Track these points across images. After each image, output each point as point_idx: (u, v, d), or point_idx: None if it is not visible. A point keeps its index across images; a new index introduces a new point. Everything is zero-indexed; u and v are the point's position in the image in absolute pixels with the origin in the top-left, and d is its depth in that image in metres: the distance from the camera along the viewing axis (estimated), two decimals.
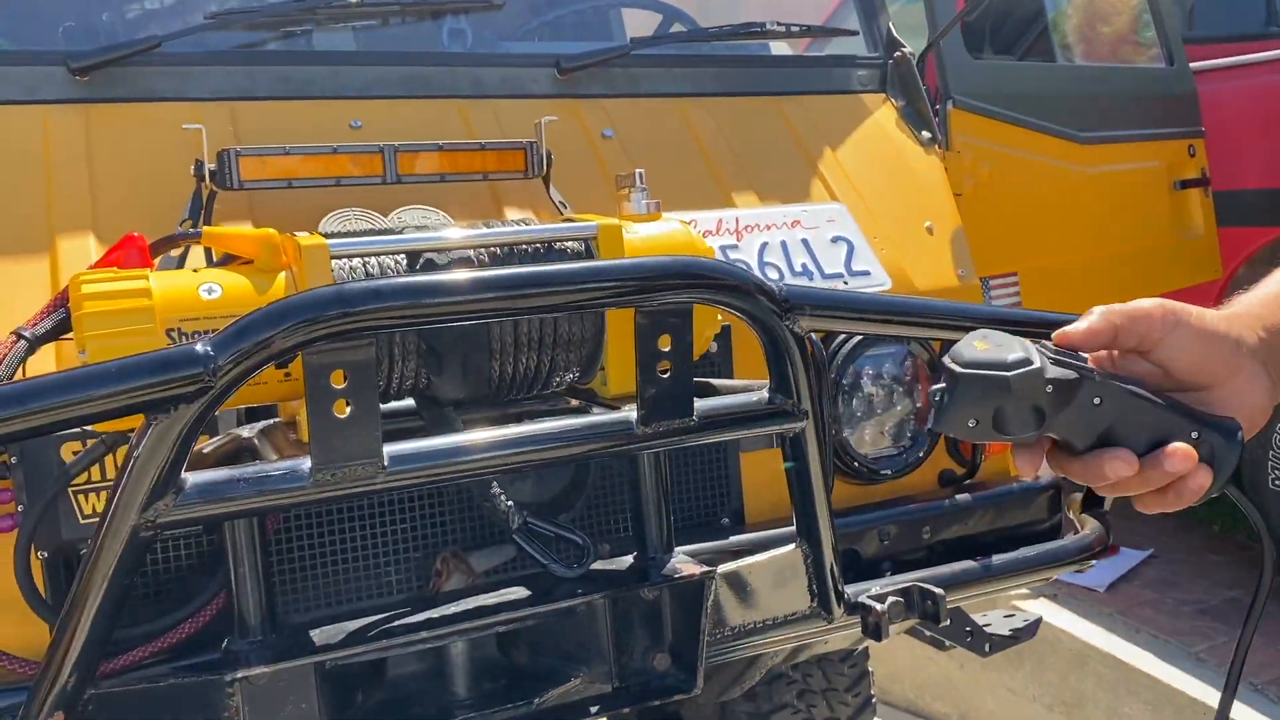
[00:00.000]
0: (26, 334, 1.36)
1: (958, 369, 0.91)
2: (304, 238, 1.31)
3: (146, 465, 1.10)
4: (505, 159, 1.79)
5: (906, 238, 2.16)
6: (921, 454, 2.02)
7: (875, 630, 1.67)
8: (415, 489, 1.52)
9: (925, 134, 2.36)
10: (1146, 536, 4.24)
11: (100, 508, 1.38)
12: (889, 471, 1.99)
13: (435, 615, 1.47)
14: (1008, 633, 2.30)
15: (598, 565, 1.62)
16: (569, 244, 1.44)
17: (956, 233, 2.21)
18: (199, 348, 1.07)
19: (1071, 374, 0.92)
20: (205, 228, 1.41)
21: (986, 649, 2.31)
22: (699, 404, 1.36)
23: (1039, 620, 2.40)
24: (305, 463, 1.19)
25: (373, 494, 1.22)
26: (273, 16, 1.94)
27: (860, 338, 1.97)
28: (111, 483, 1.14)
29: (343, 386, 1.15)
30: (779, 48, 2.69)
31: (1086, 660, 3.55)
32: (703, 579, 1.55)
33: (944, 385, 0.92)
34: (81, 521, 1.37)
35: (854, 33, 2.45)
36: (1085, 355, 0.96)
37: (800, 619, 1.70)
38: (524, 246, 1.41)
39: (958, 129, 2.52)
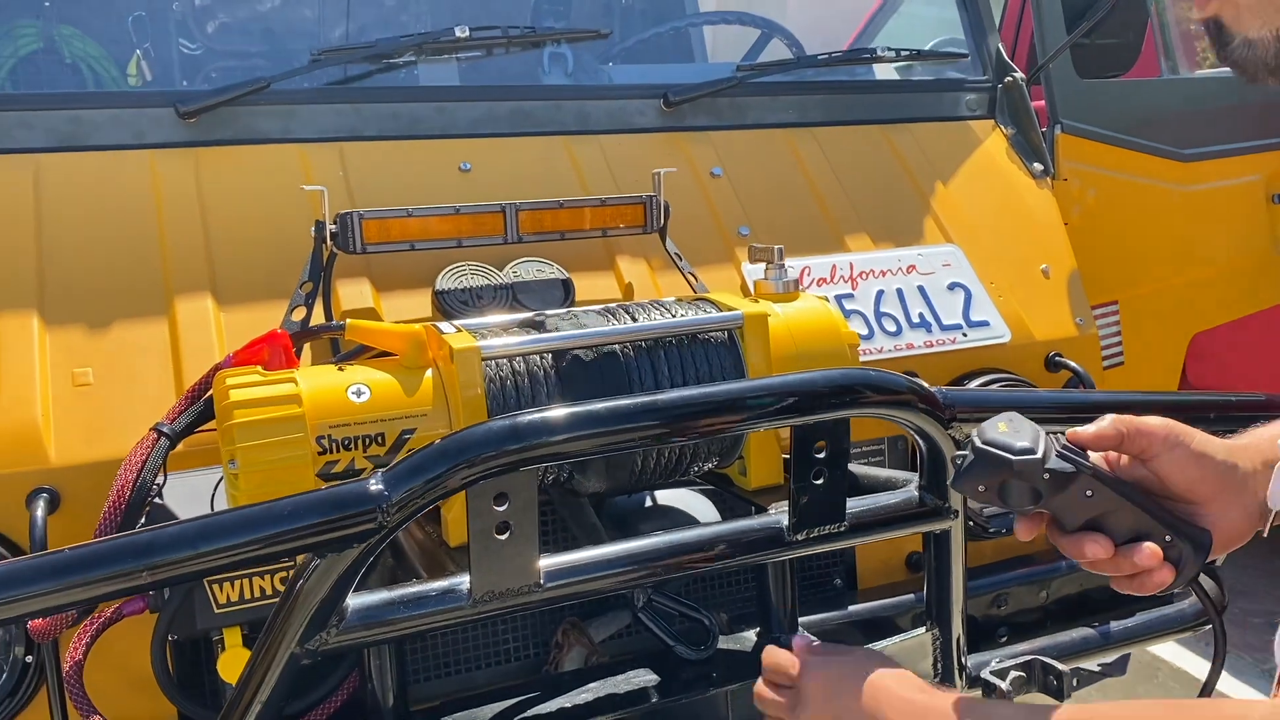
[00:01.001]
0: (166, 430, 1.32)
1: (977, 443, 1.07)
2: (454, 338, 1.26)
3: (309, 598, 1.07)
4: (625, 214, 1.74)
5: (1022, 282, 2.09)
6: None
7: None
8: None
9: (1037, 165, 2.28)
10: None
11: (235, 596, 1.36)
12: (1002, 530, 1.95)
13: (567, 705, 1.45)
14: (1095, 668, 2.27)
15: (722, 644, 1.60)
16: (714, 334, 1.39)
17: (1073, 276, 2.14)
18: (372, 486, 1.03)
19: (1069, 468, 1.07)
20: (349, 321, 1.36)
21: (1075, 683, 2.28)
22: (850, 505, 1.32)
23: (1128, 656, 2.37)
24: (462, 582, 1.15)
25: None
26: (380, 52, 1.88)
27: (975, 385, 1.92)
28: (270, 607, 1.11)
29: (504, 508, 1.12)
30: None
31: (1155, 673, 3.52)
32: None
33: (965, 454, 1.08)
34: (216, 611, 1.35)
35: (964, 55, 2.36)
36: (1088, 452, 1.09)
37: None
38: (670, 340, 1.36)
39: (1065, 154, 2.43)
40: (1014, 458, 1.04)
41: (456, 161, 1.89)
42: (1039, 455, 1.04)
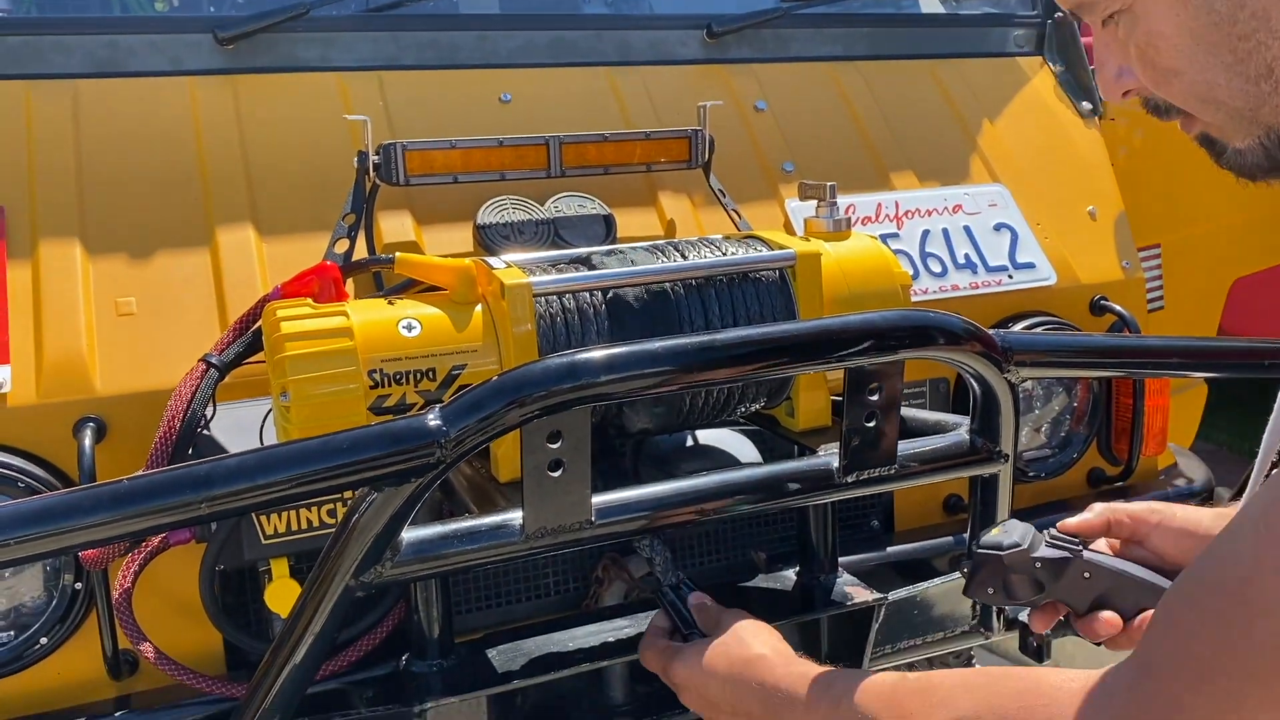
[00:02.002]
0: (215, 361, 1.32)
1: (975, 548, 1.16)
2: (505, 273, 1.24)
3: (365, 532, 1.07)
4: (669, 148, 1.70)
5: (1069, 224, 2.05)
6: (1075, 455, 1.96)
7: (1036, 651, 1.64)
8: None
9: (1085, 104, 2.22)
10: None
11: (282, 528, 1.36)
12: (1042, 474, 1.94)
13: (610, 640, 1.45)
14: None
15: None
16: (765, 273, 1.36)
17: (1120, 218, 2.10)
18: (430, 420, 1.02)
19: (1061, 554, 1.14)
20: (398, 255, 1.34)
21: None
22: (900, 447, 1.30)
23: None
24: (514, 518, 1.15)
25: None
26: None
27: (1020, 328, 1.90)
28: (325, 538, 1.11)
29: (558, 446, 1.11)
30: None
31: None
32: (873, 606, 1.52)
33: (970, 561, 1.16)
34: (264, 542, 1.35)
35: None
36: (1079, 540, 1.16)
37: (958, 635, 1.67)
38: (721, 278, 1.34)
39: None
40: (1003, 553, 1.14)
41: (497, 92, 1.85)
42: (1025, 546, 1.14)
